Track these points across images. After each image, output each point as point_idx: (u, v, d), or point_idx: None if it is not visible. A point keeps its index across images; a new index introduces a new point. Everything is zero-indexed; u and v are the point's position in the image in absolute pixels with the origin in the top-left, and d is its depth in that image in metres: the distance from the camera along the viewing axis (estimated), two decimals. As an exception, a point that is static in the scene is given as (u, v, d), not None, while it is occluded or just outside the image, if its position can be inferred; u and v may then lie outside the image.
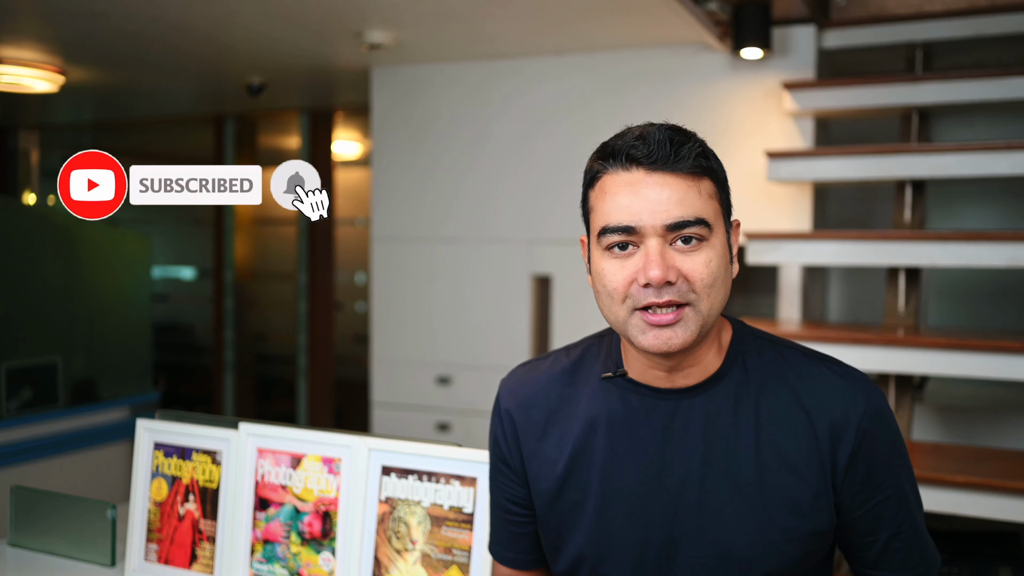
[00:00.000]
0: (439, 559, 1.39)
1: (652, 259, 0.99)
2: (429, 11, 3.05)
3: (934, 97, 3.02)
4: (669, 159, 1.01)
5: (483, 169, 3.78)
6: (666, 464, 1.08)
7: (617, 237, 1.02)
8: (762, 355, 1.11)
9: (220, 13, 3.09)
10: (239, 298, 5.62)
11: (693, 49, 3.39)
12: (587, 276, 1.12)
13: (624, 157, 1.02)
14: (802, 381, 1.08)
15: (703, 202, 1.02)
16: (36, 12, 3.11)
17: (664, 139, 1.01)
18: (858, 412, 1.05)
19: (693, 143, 1.03)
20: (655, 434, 1.08)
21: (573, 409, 1.14)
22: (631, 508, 1.09)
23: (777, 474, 1.05)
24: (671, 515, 1.07)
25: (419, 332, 3.90)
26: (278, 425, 1.55)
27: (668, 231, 1.00)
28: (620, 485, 1.09)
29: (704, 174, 1.03)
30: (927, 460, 2.57)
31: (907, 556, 1.09)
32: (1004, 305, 3.49)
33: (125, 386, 3.94)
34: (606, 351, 1.16)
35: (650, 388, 1.10)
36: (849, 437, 1.04)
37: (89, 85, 4.38)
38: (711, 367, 1.09)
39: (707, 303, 1.02)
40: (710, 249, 1.02)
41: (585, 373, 1.16)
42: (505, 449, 1.19)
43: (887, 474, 1.07)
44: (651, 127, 1.04)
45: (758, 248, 3.00)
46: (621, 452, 1.09)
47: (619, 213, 1.01)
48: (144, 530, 1.64)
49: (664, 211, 1.00)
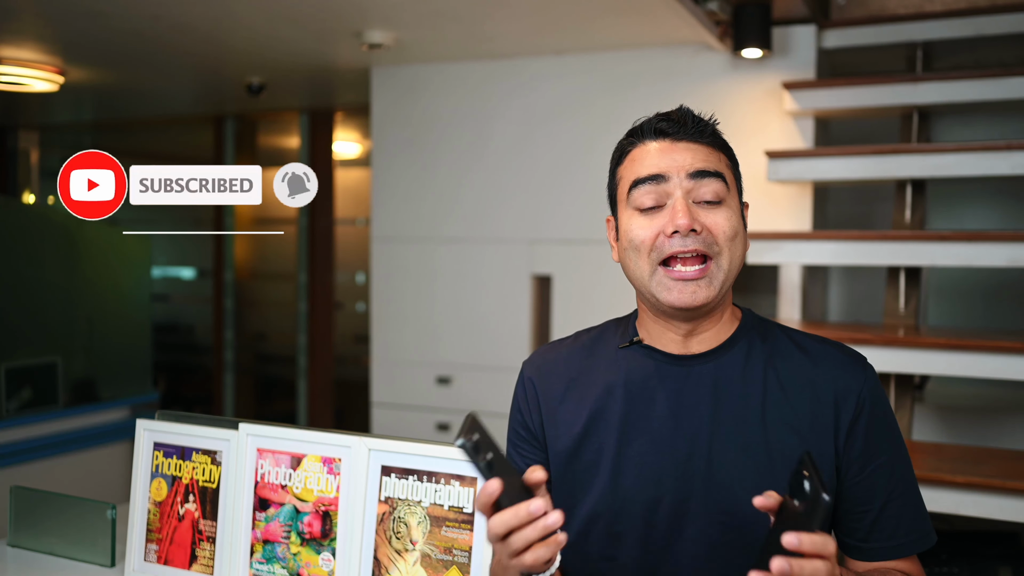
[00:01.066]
0: (439, 559, 1.39)
1: (679, 208, 1.08)
2: (429, 11, 3.05)
3: (934, 97, 3.02)
4: (692, 131, 1.13)
5: (483, 169, 3.78)
6: (678, 426, 1.13)
7: (647, 187, 1.11)
8: (771, 331, 1.19)
9: (220, 13, 3.09)
10: (239, 298, 5.62)
11: (693, 49, 3.39)
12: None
13: (653, 131, 1.14)
14: (808, 356, 1.15)
15: (722, 166, 1.14)
16: (36, 12, 3.11)
17: (688, 115, 1.15)
18: (859, 384, 1.12)
19: (711, 123, 1.16)
20: (668, 397, 1.14)
21: (592, 376, 1.20)
22: (644, 468, 1.13)
23: (783, 437, 1.11)
24: (682, 475, 1.12)
25: (419, 332, 3.90)
26: (278, 425, 1.55)
27: (691, 179, 1.10)
28: (634, 445, 1.14)
29: (721, 149, 1.16)
30: (927, 460, 2.57)
31: (898, 524, 1.12)
32: (1004, 305, 3.49)
33: (125, 386, 3.94)
34: (623, 328, 1.24)
35: (665, 354, 1.17)
36: (850, 405, 1.11)
37: (89, 85, 4.38)
38: (723, 335, 1.16)
39: (727, 257, 1.10)
40: (728, 208, 1.11)
41: (604, 346, 1.23)
42: (526, 411, 1.24)
43: (882, 444, 1.12)
44: (674, 109, 1.16)
45: (758, 248, 3.00)
46: (636, 414, 1.15)
47: (649, 168, 1.12)
48: (144, 530, 1.63)
49: (689, 163, 1.11)
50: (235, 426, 1.57)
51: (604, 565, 1.15)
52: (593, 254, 3.49)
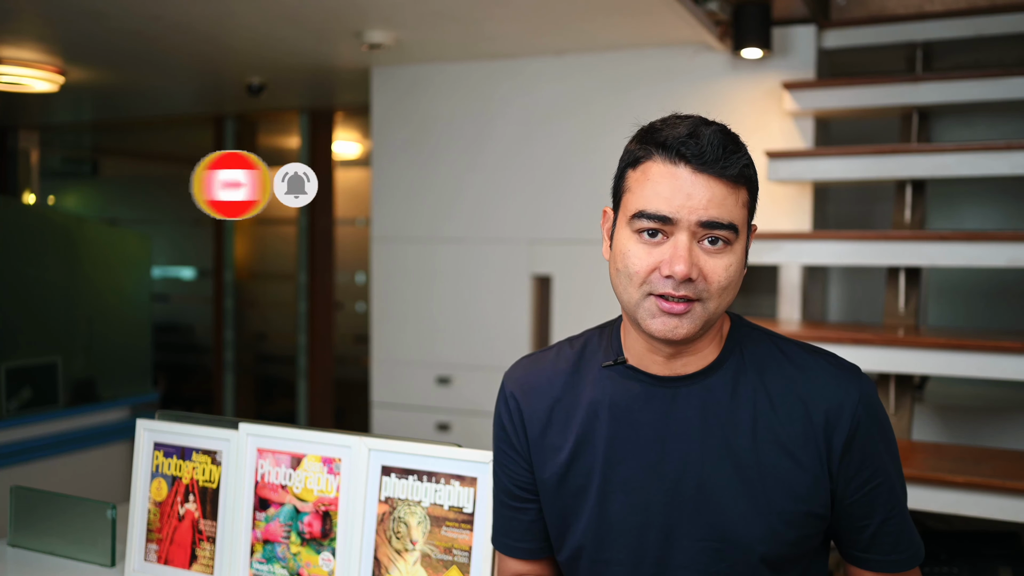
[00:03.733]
0: (439, 559, 1.39)
1: (680, 254, 1.02)
2: (429, 11, 3.05)
3: (934, 97, 3.01)
4: (717, 164, 1.03)
5: (483, 169, 3.77)
6: (665, 449, 1.10)
7: (650, 224, 1.04)
8: (759, 346, 1.14)
9: (220, 13, 3.09)
10: (239, 298, 5.62)
11: (693, 49, 3.39)
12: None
13: (675, 152, 1.03)
14: (798, 371, 1.11)
15: (738, 210, 1.05)
16: (36, 12, 3.10)
17: (717, 143, 1.03)
18: (852, 401, 1.08)
19: (742, 154, 1.06)
20: (655, 420, 1.11)
21: (576, 397, 1.17)
22: (632, 493, 1.11)
23: (774, 459, 1.08)
24: (671, 499, 1.10)
25: (419, 332, 3.90)
26: (278, 425, 1.55)
27: (700, 227, 1.03)
28: (621, 470, 1.12)
29: (744, 184, 1.07)
30: (927, 460, 2.57)
31: (897, 540, 1.11)
32: (1004, 305, 3.49)
33: (125, 386, 3.94)
34: (607, 341, 1.20)
35: (649, 375, 1.13)
36: (844, 424, 1.07)
37: (89, 85, 4.38)
38: (709, 356, 1.13)
39: (716, 303, 1.06)
40: (732, 255, 1.05)
41: (587, 362, 1.19)
42: (511, 431, 1.21)
43: (879, 461, 1.10)
44: (704, 126, 1.05)
45: (758, 248, 3.00)
46: (622, 437, 1.12)
47: (658, 201, 1.03)
48: (144, 530, 1.64)
49: (702, 208, 1.02)
50: (235, 426, 1.57)
51: None
52: (593, 254, 3.49)
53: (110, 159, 6.55)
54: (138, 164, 6.53)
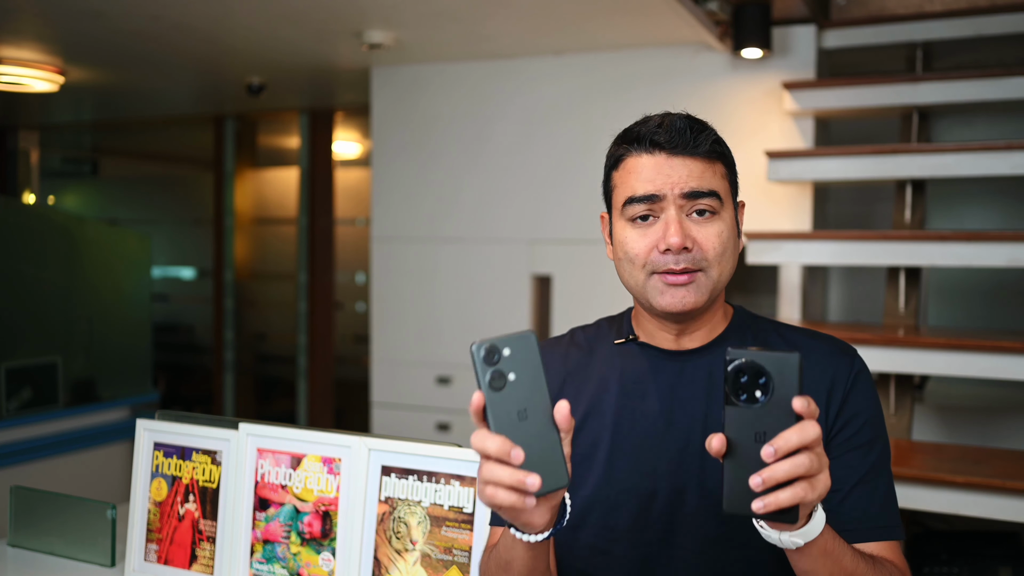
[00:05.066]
0: (439, 559, 1.39)
1: (672, 226, 1.11)
2: (429, 11, 3.05)
3: (934, 97, 3.02)
4: (688, 144, 1.13)
5: (483, 169, 3.78)
6: (672, 419, 1.16)
7: (641, 206, 1.13)
8: (761, 327, 1.23)
9: (220, 13, 3.09)
10: (239, 298, 5.62)
11: (693, 49, 3.39)
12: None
13: (648, 142, 1.14)
14: (798, 348, 1.13)
15: (717, 180, 1.14)
16: (36, 12, 3.11)
17: (684, 127, 1.13)
18: (846, 367, 1.16)
19: (709, 131, 1.16)
20: (662, 391, 1.17)
21: (588, 372, 1.24)
22: (639, 460, 1.15)
23: None
24: (676, 466, 1.14)
25: (419, 332, 3.90)
26: (278, 425, 1.55)
27: (685, 199, 1.12)
28: (629, 438, 1.17)
29: (718, 158, 1.15)
30: (927, 460, 2.57)
31: (867, 509, 1.12)
32: (1004, 305, 3.49)
33: (125, 386, 3.94)
34: (618, 324, 1.27)
35: (659, 350, 1.20)
36: (839, 389, 1.15)
37: (89, 85, 4.38)
38: (715, 331, 1.20)
39: (717, 270, 1.13)
40: (721, 222, 1.14)
41: (599, 343, 1.26)
42: None
43: (861, 427, 1.14)
44: (671, 116, 1.16)
45: (758, 248, 3.00)
46: (630, 407, 1.18)
47: (644, 185, 1.13)
48: (144, 530, 1.64)
49: (683, 182, 1.12)
50: (235, 426, 1.57)
51: (599, 559, 1.16)
52: (593, 254, 3.49)
53: (110, 159, 6.56)
54: (138, 164, 6.54)
